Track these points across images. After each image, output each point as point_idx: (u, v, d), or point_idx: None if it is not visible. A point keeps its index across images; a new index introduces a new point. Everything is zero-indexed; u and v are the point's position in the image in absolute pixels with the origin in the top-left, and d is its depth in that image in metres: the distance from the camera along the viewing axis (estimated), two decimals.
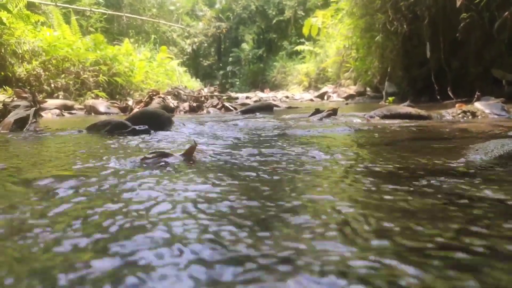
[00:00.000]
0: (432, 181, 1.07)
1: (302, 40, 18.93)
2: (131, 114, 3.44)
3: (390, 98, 6.80)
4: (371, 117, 3.27)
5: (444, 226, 0.73)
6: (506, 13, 4.97)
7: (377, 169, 1.26)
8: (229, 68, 29.41)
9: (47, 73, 7.07)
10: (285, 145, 1.87)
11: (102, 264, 0.59)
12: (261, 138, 2.20)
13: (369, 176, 1.17)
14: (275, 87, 21.48)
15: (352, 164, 1.36)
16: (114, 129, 2.63)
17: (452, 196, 0.93)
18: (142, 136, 2.42)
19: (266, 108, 5.32)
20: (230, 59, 29.26)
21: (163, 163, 1.42)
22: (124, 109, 6.10)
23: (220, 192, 1.01)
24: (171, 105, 5.64)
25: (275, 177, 1.18)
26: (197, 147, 1.56)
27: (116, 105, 6.53)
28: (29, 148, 2.05)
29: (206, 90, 8.84)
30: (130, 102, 6.65)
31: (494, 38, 5.39)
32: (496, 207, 0.85)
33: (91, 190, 1.05)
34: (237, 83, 28.44)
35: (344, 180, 1.14)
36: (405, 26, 6.63)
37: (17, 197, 1.00)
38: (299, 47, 18.89)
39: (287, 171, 1.27)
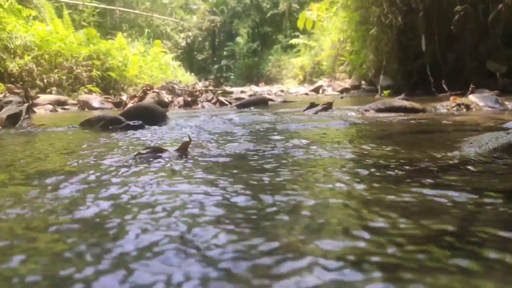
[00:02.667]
0: (426, 174, 1.07)
1: (297, 33, 18.85)
2: (125, 109, 3.42)
3: (385, 92, 6.80)
4: (366, 110, 3.27)
5: (437, 219, 0.73)
6: (500, 5, 4.97)
7: (371, 162, 1.25)
8: (223, 62, 29.27)
9: (39, 68, 6.99)
10: (280, 139, 1.86)
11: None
12: (256, 133, 2.19)
13: (362, 169, 1.17)
14: (270, 81, 21.42)
15: (347, 157, 1.35)
16: (108, 124, 2.61)
17: (446, 189, 0.93)
18: (136, 131, 2.40)
19: (261, 102, 5.30)
20: (225, 53, 29.12)
21: (157, 158, 1.41)
22: (118, 104, 6.05)
23: (213, 186, 1.00)
24: (166, 99, 5.61)
25: (270, 171, 1.17)
26: (191, 142, 1.55)
27: (110, 100, 6.48)
28: (22, 144, 2.03)
29: (200, 84, 8.79)
30: (124, 97, 6.60)
31: (489, 31, 5.40)
32: (490, 199, 0.85)
33: (83, 186, 1.04)
34: (232, 77, 28.33)
35: (337, 173, 1.13)
36: (400, 19, 6.61)
37: (9, 193, 0.99)
38: (293, 41, 18.82)
39: (281, 164, 1.26)
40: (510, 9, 4.89)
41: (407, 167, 1.17)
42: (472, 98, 3.47)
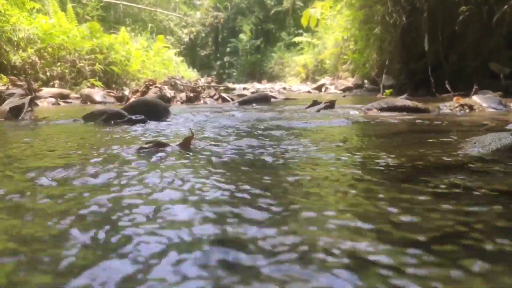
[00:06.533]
0: (429, 174, 1.07)
1: (300, 31, 18.82)
2: (127, 103, 3.42)
3: (388, 91, 6.79)
4: (369, 109, 3.26)
5: (440, 217, 0.73)
6: (505, 6, 4.95)
7: (373, 161, 1.25)
8: (226, 58, 29.22)
9: (42, 61, 7.00)
10: (281, 137, 1.86)
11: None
12: (257, 129, 2.19)
13: (365, 168, 1.17)
14: (272, 78, 21.41)
15: (349, 156, 1.35)
16: (110, 118, 2.61)
17: (449, 188, 0.93)
18: (139, 125, 2.40)
19: (263, 99, 5.30)
20: (228, 49, 29.07)
21: (160, 153, 1.41)
22: (120, 99, 6.06)
23: (216, 180, 1.00)
24: (168, 95, 5.61)
25: (271, 167, 1.17)
26: (194, 137, 1.55)
27: (112, 94, 6.49)
28: (24, 137, 2.03)
29: (203, 80, 8.79)
30: (126, 92, 6.60)
31: (492, 32, 5.38)
32: (492, 199, 0.85)
33: (86, 179, 1.04)
34: (234, 73, 28.29)
35: (339, 172, 1.13)
36: (404, 18, 6.59)
37: (12, 186, 0.99)
38: (297, 38, 18.79)
39: (282, 160, 1.26)
40: None
41: (409, 166, 1.17)
42: (475, 98, 3.46)
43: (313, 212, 0.77)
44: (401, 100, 3.41)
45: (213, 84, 7.89)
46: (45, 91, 5.83)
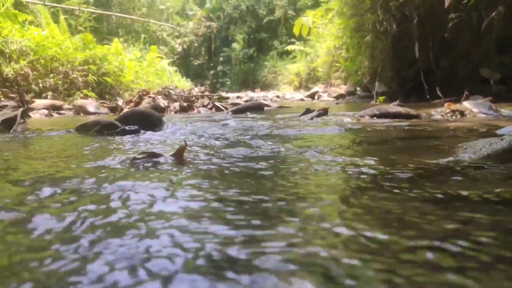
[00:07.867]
0: (420, 180, 1.08)
1: (293, 40, 18.97)
2: (121, 114, 3.41)
3: (380, 98, 6.85)
4: (361, 116, 3.28)
5: (431, 225, 0.73)
6: (494, 13, 5.03)
7: (366, 168, 1.26)
8: (219, 67, 29.33)
9: (35, 72, 6.97)
10: (275, 145, 1.86)
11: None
12: (251, 138, 2.20)
13: (358, 175, 1.17)
14: (265, 86, 21.50)
15: (341, 163, 1.36)
16: (103, 129, 2.60)
17: (440, 194, 0.94)
18: (132, 136, 2.40)
19: (257, 108, 5.31)
20: (221, 58, 29.20)
21: (153, 163, 1.41)
22: (113, 109, 6.05)
23: (209, 191, 1.00)
24: (162, 105, 5.61)
25: (266, 176, 1.17)
26: (187, 147, 1.55)
27: (105, 105, 6.48)
28: (16, 149, 2.02)
29: (196, 89, 8.82)
30: (120, 102, 6.60)
31: (482, 38, 5.46)
32: (484, 205, 0.85)
33: (78, 191, 1.03)
34: (228, 82, 28.40)
35: (331, 180, 1.14)
36: (394, 26, 6.67)
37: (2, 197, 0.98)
38: (289, 47, 18.92)
39: (277, 170, 1.27)
40: (503, 16, 4.95)
41: (400, 172, 1.18)
42: (467, 104, 3.50)
43: (306, 219, 0.77)
44: (393, 107, 3.44)
45: (206, 93, 7.91)
46: (38, 102, 5.80)
